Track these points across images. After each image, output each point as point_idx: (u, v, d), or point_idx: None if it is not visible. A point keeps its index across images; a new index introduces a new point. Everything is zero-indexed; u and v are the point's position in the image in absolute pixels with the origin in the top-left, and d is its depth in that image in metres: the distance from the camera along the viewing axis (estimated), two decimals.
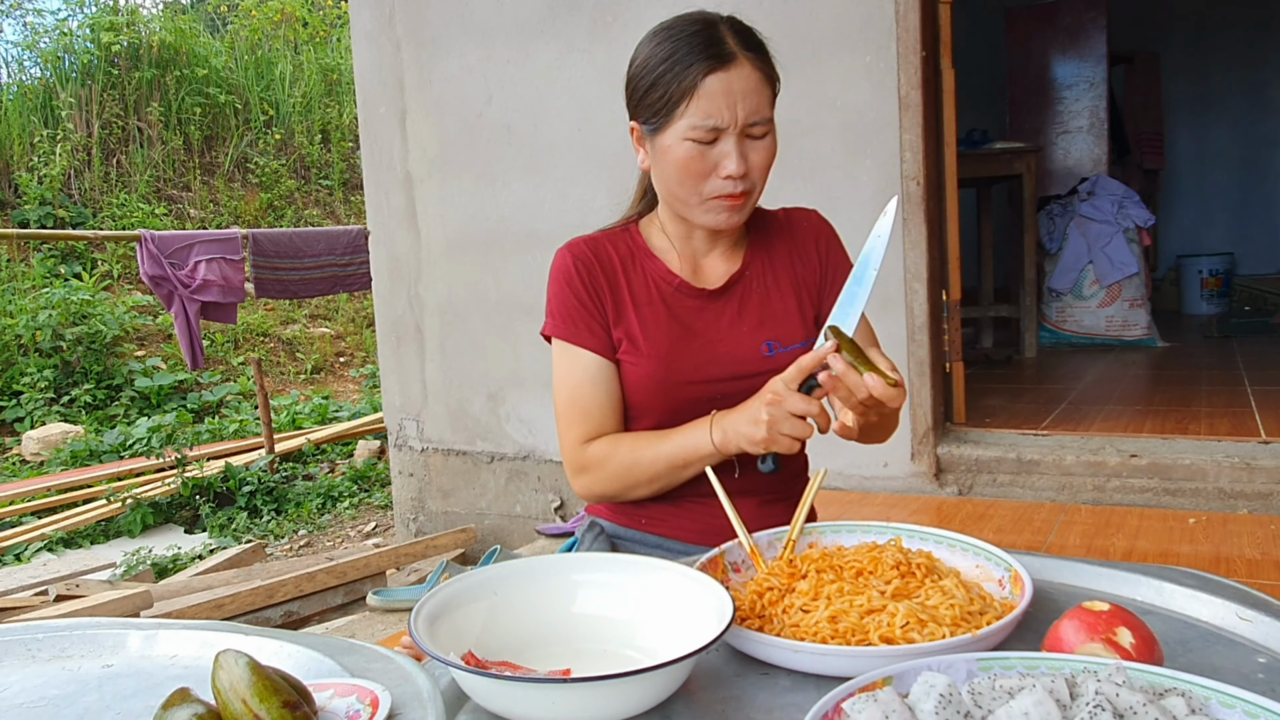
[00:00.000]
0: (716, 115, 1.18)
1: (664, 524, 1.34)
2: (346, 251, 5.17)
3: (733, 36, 1.21)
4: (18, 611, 3.11)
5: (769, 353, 1.30)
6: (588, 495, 1.34)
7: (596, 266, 1.32)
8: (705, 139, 1.19)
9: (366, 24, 3.74)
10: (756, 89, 1.19)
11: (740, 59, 1.19)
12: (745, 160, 1.20)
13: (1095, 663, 0.65)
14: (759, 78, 1.20)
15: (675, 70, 1.20)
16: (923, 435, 2.86)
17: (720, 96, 1.18)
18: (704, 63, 1.18)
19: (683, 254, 1.34)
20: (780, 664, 0.80)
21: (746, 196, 1.23)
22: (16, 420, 6.59)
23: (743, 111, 1.18)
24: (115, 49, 9.17)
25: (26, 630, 0.87)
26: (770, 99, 1.22)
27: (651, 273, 1.33)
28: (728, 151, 1.19)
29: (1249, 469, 2.52)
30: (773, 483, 1.33)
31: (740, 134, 1.19)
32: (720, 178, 1.20)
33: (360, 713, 0.67)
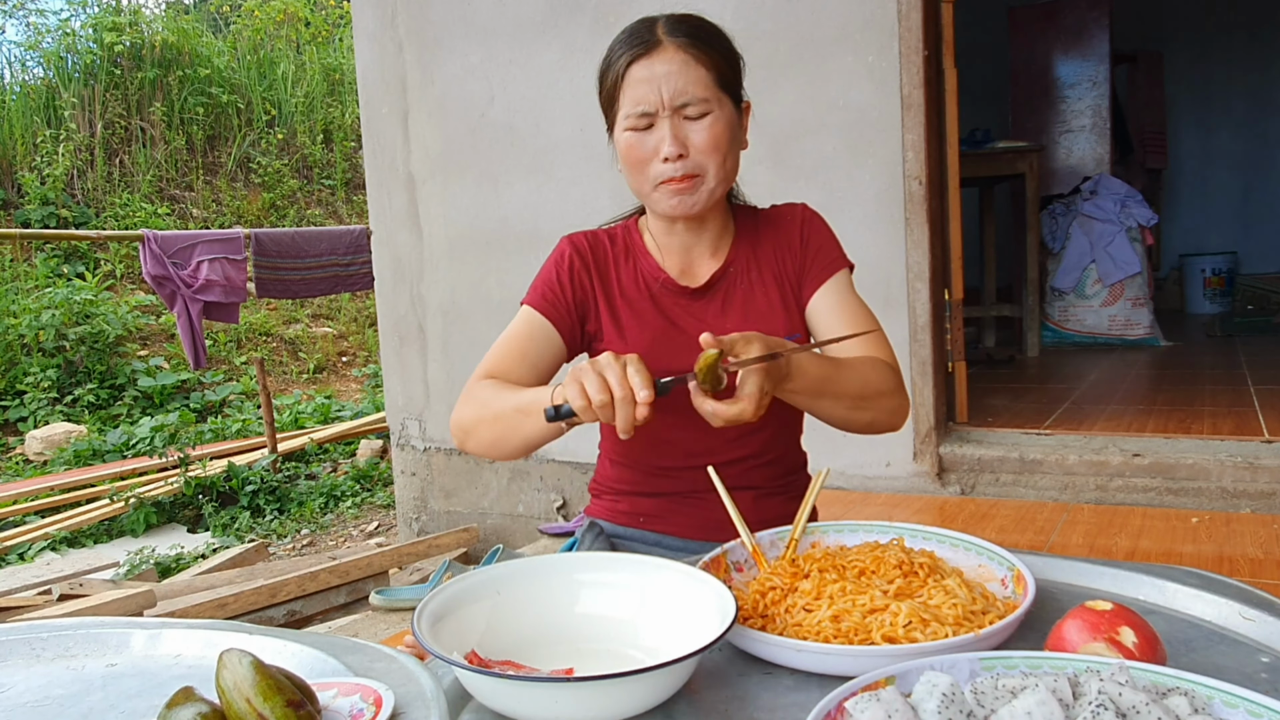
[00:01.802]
0: (644, 100, 1.20)
1: (661, 521, 1.35)
2: (349, 251, 5.17)
3: (663, 26, 1.23)
4: (22, 611, 3.11)
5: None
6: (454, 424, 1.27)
7: (590, 259, 1.35)
8: (640, 125, 1.22)
9: (369, 24, 3.74)
10: (682, 70, 1.20)
11: (665, 44, 1.21)
12: (682, 142, 1.20)
13: (1098, 662, 0.65)
14: (685, 58, 1.20)
15: (610, 68, 1.26)
16: (925, 435, 2.86)
17: (645, 82, 1.20)
18: (629, 53, 1.23)
19: (669, 251, 1.35)
20: (783, 663, 0.80)
21: (694, 180, 1.23)
22: (20, 420, 6.60)
23: (668, 93, 1.19)
24: (118, 49, 9.18)
25: (31, 630, 0.87)
26: (706, 79, 1.21)
27: (642, 269, 1.35)
28: (662, 135, 1.21)
29: (1252, 468, 2.52)
30: (768, 477, 1.34)
31: (674, 116, 1.20)
32: (660, 162, 1.22)
33: (363, 712, 0.67)
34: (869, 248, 2.88)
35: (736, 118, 1.28)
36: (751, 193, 1.46)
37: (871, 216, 2.87)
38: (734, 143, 1.26)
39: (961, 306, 2.96)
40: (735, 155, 1.28)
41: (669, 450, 1.32)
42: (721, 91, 1.23)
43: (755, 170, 2.98)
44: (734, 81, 1.27)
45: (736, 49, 1.30)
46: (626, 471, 1.38)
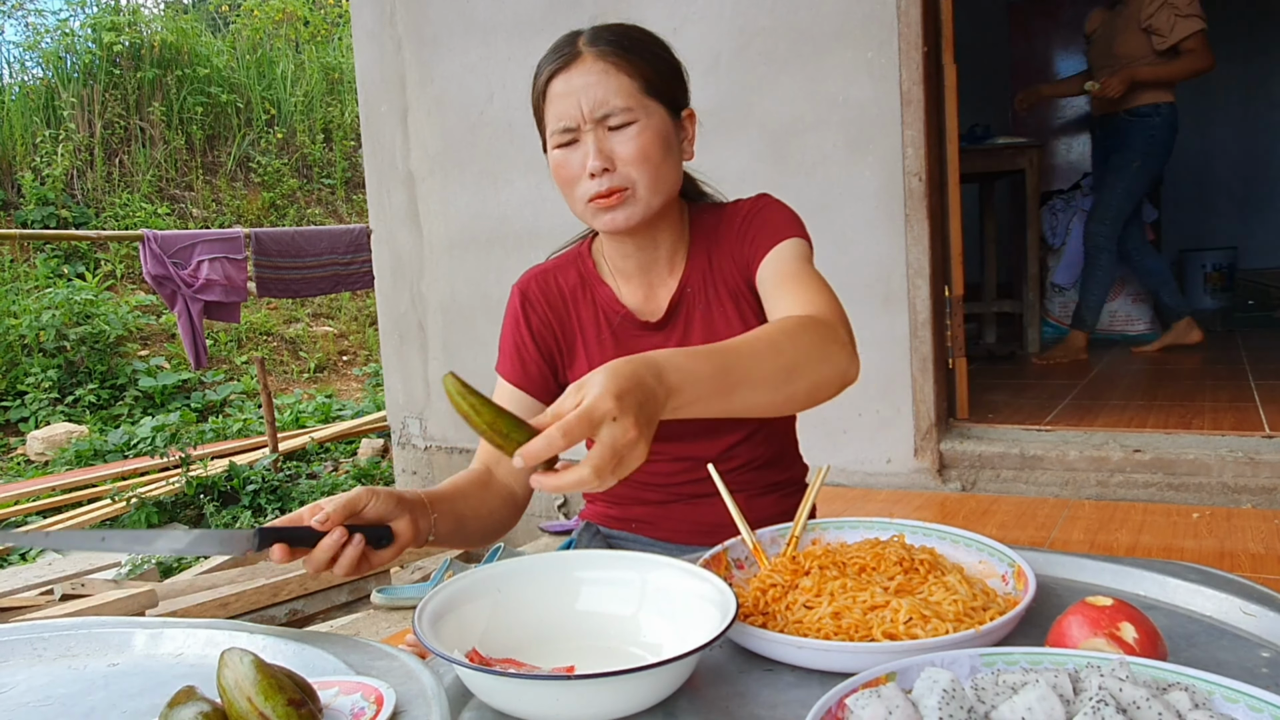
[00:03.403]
0: (565, 115, 1.16)
1: (652, 527, 1.34)
2: (349, 250, 5.17)
3: (585, 37, 1.19)
4: (24, 611, 3.12)
5: None
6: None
7: (545, 306, 1.31)
8: (565, 142, 1.17)
9: (368, 22, 3.74)
10: (601, 80, 1.15)
11: (584, 55, 1.17)
12: (607, 155, 1.15)
13: (1099, 658, 0.65)
14: (604, 67, 1.16)
15: (534, 86, 1.22)
16: (926, 431, 2.86)
17: (564, 96, 1.16)
18: (550, 67, 1.19)
19: (625, 275, 1.29)
20: (784, 660, 0.80)
21: (622, 194, 1.16)
22: (21, 420, 6.60)
23: (587, 105, 1.15)
24: (117, 49, 9.17)
25: (33, 629, 0.87)
26: (629, 88, 1.16)
27: (600, 302, 1.29)
28: (586, 149, 1.16)
29: (1253, 464, 2.52)
30: (760, 479, 1.32)
31: (597, 129, 1.15)
32: (587, 178, 1.16)
33: (365, 710, 0.67)
34: (869, 244, 2.88)
35: (671, 126, 1.21)
36: (750, 189, 1.43)
37: (871, 213, 2.86)
38: (667, 152, 1.19)
39: (962, 303, 2.96)
40: (671, 165, 1.21)
41: (652, 466, 1.31)
42: (649, 99, 1.18)
43: (755, 167, 2.99)
44: (667, 89, 1.21)
45: (672, 56, 1.25)
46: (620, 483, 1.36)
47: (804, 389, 0.97)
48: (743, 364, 0.92)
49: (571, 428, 0.75)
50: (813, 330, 1.01)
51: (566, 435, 0.75)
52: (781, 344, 0.96)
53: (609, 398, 0.77)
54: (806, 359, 0.97)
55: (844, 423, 2.96)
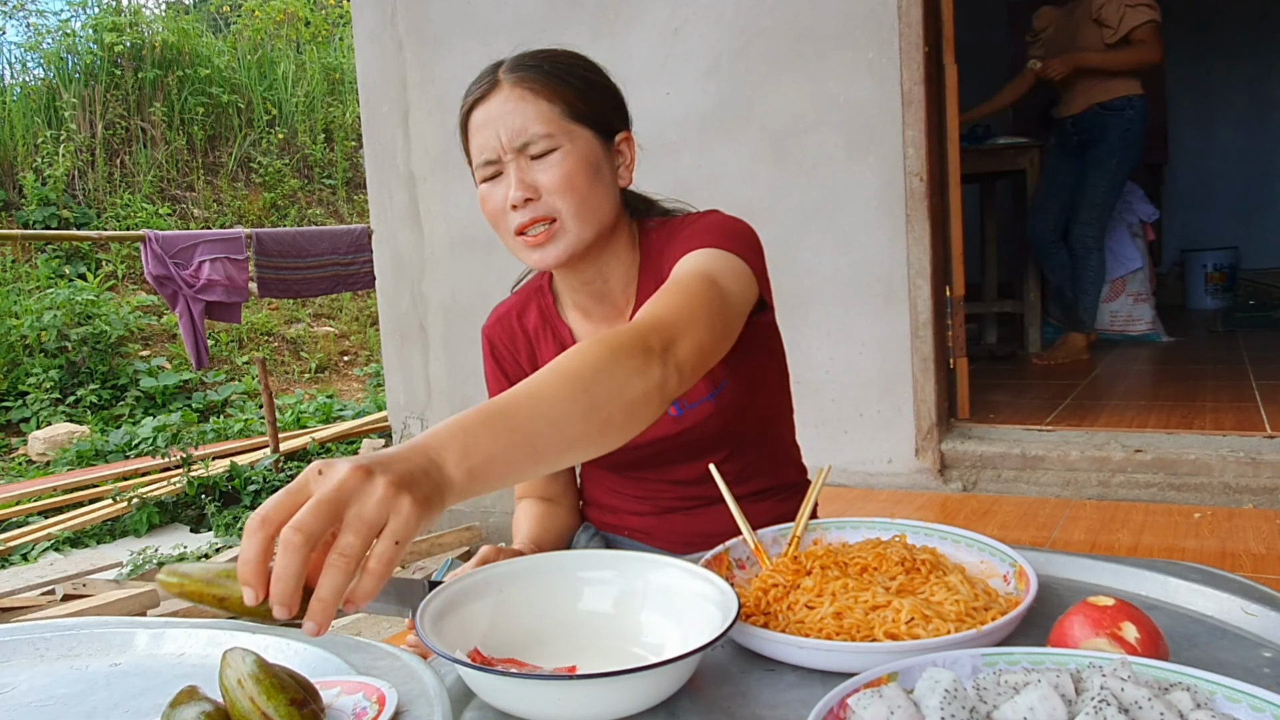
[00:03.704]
0: (485, 148, 1.12)
1: (647, 536, 1.33)
2: (350, 250, 5.18)
3: (505, 66, 1.14)
4: (25, 611, 3.12)
5: (677, 414, 1.21)
6: None
7: (511, 349, 1.30)
8: (489, 175, 1.13)
9: (369, 23, 3.74)
10: (518, 108, 1.10)
11: (500, 84, 1.12)
12: (529, 185, 1.10)
13: (1100, 658, 0.65)
14: (522, 94, 1.11)
15: (459, 122, 1.18)
16: (927, 431, 2.86)
17: (483, 127, 1.12)
18: (469, 99, 1.15)
19: (582, 311, 1.26)
20: (785, 660, 0.80)
21: (549, 225, 1.11)
22: (23, 420, 6.61)
23: (505, 134, 1.10)
24: (118, 49, 9.18)
25: (34, 629, 0.87)
26: (549, 114, 1.10)
27: (560, 342, 1.27)
28: (508, 181, 1.11)
29: (1254, 464, 2.52)
30: (755, 486, 1.31)
31: (517, 158, 1.11)
32: (509, 209, 1.11)
33: (367, 710, 0.67)
34: (870, 244, 2.88)
35: (600, 151, 1.15)
36: (752, 189, 1.43)
37: (872, 213, 2.86)
38: (595, 179, 1.13)
39: (963, 303, 2.96)
40: (601, 192, 1.14)
41: (640, 486, 1.31)
42: (573, 124, 1.12)
43: (756, 167, 2.99)
44: (594, 113, 1.15)
45: (603, 79, 1.20)
46: (608, 496, 1.36)
47: (619, 414, 0.84)
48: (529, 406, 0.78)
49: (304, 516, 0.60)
50: (616, 345, 0.86)
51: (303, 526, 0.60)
52: (575, 369, 0.82)
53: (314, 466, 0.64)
54: (611, 379, 0.83)
55: (845, 423, 2.96)
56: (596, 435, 0.82)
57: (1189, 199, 6.53)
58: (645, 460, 1.25)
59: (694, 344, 0.93)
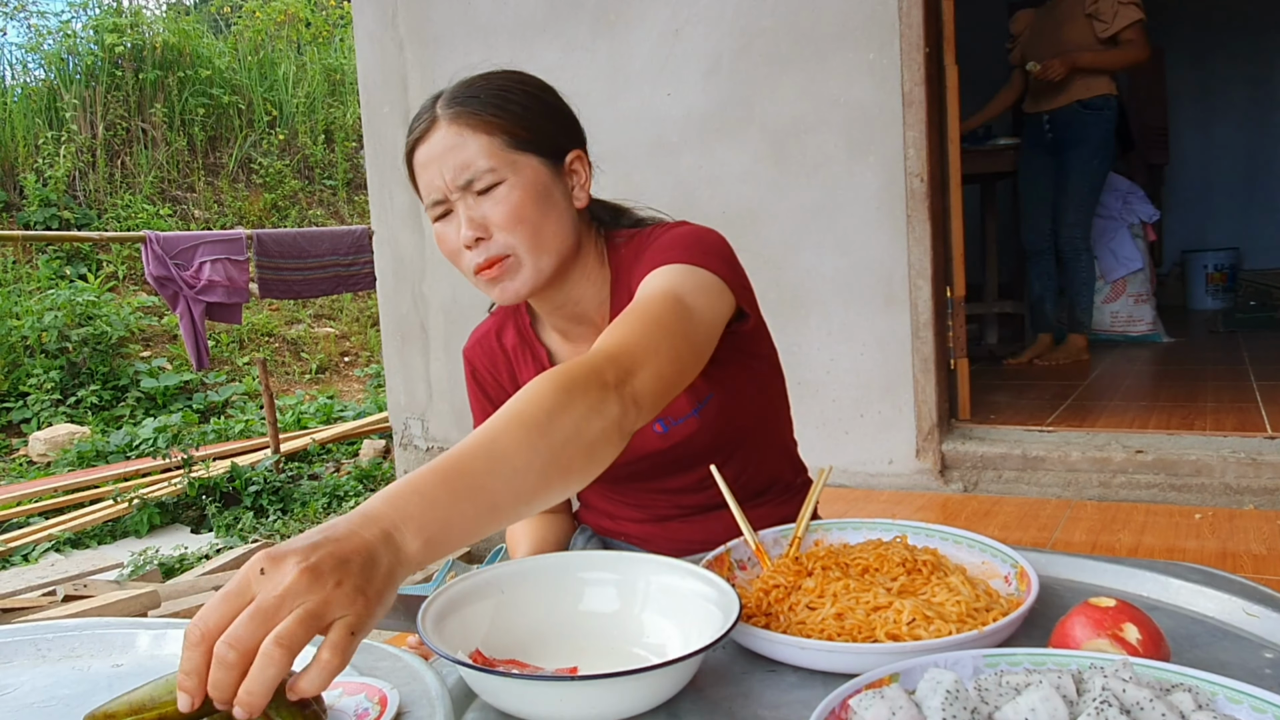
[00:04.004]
0: (431, 188, 1.09)
1: (649, 543, 1.32)
2: (350, 251, 5.18)
3: (442, 101, 1.10)
4: (26, 612, 3.12)
5: (663, 430, 1.19)
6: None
7: (491, 371, 1.29)
8: (439, 214, 1.11)
9: (369, 24, 3.74)
10: (458, 145, 1.07)
11: (438, 121, 1.08)
12: (479, 223, 1.07)
13: (1102, 658, 0.65)
14: (458, 130, 1.07)
15: (404, 160, 1.14)
16: (927, 432, 2.86)
17: (426, 167, 1.09)
18: (410, 139, 1.11)
19: (560, 333, 1.24)
20: (787, 661, 0.80)
21: (506, 261, 1.09)
22: (23, 421, 6.61)
23: (449, 174, 1.07)
24: (119, 50, 9.19)
25: (35, 630, 0.87)
26: (489, 147, 1.07)
27: (539, 362, 1.25)
28: (457, 219, 1.09)
29: (1255, 464, 2.52)
30: (754, 490, 1.30)
31: (464, 196, 1.08)
32: (464, 249, 1.09)
33: (369, 711, 0.67)
34: (870, 245, 2.88)
35: (548, 176, 1.10)
36: (752, 190, 1.42)
37: (873, 214, 2.86)
38: (547, 207, 1.09)
39: (963, 303, 2.96)
40: (555, 219, 1.10)
41: (635, 496, 1.31)
42: (516, 154, 1.08)
43: (756, 168, 2.99)
44: (538, 138, 1.10)
45: (549, 99, 1.15)
46: (602, 501, 1.36)
47: (579, 456, 0.81)
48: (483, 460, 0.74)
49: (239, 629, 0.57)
50: (567, 385, 0.82)
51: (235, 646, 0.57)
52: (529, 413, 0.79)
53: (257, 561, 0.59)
54: (569, 419, 0.80)
55: (846, 424, 2.96)
56: (557, 482, 0.79)
57: (1190, 199, 6.53)
58: (636, 474, 1.25)
59: (654, 373, 0.90)
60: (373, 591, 0.61)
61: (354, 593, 0.60)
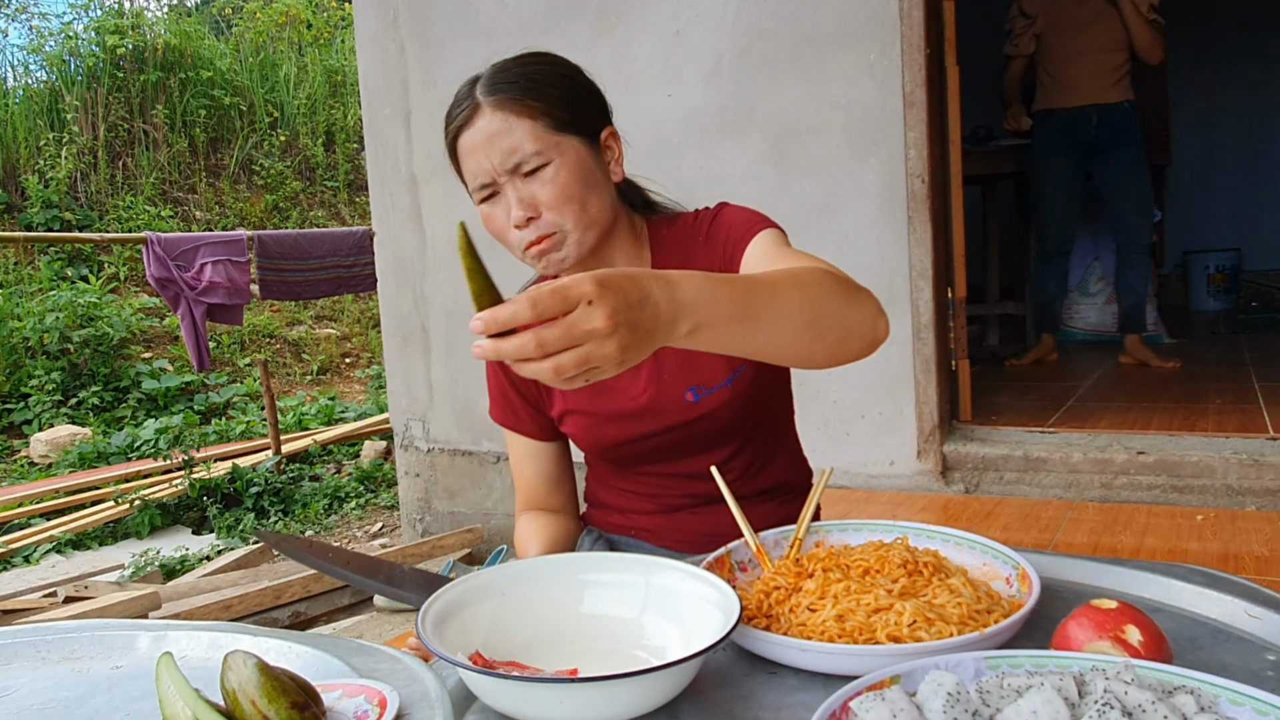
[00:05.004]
0: (479, 172, 1.14)
1: (655, 535, 1.34)
2: (351, 252, 5.18)
3: (482, 85, 1.14)
4: (27, 613, 3.12)
5: (694, 399, 1.22)
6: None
7: None
8: (486, 197, 1.15)
9: (371, 25, 3.74)
10: (504, 130, 1.11)
11: (481, 108, 1.12)
12: (529, 203, 1.12)
13: (1104, 660, 0.65)
14: (504, 117, 1.11)
15: (446, 145, 1.19)
16: (929, 433, 2.86)
17: (472, 153, 1.13)
18: (454, 125, 1.15)
19: None
20: (788, 663, 0.80)
21: (553, 237, 1.14)
22: (25, 423, 6.61)
23: (495, 159, 1.11)
24: (120, 52, 9.20)
25: (36, 632, 0.87)
26: (534, 130, 1.11)
27: None
28: (507, 201, 1.14)
29: (1257, 465, 2.52)
30: (758, 486, 1.32)
31: (512, 179, 1.12)
32: (514, 229, 1.14)
33: (368, 713, 0.67)
34: (871, 246, 2.88)
35: (590, 155, 1.16)
36: (753, 191, 1.44)
37: (874, 215, 2.86)
38: (590, 184, 1.15)
39: (964, 304, 2.96)
40: (597, 196, 1.16)
41: (648, 482, 1.32)
42: (559, 135, 1.13)
43: (757, 169, 2.99)
44: (577, 119, 1.16)
45: (579, 79, 1.20)
46: (613, 496, 1.37)
47: (833, 333, 0.91)
48: (765, 294, 0.85)
49: (541, 299, 0.69)
50: (837, 277, 0.95)
51: (534, 305, 0.69)
52: (806, 282, 0.90)
53: (589, 281, 0.70)
54: (834, 301, 0.91)
55: (847, 425, 2.96)
56: (809, 345, 0.90)
57: (1191, 200, 6.52)
58: (660, 450, 1.27)
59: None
60: (633, 355, 0.73)
61: (620, 365, 0.72)
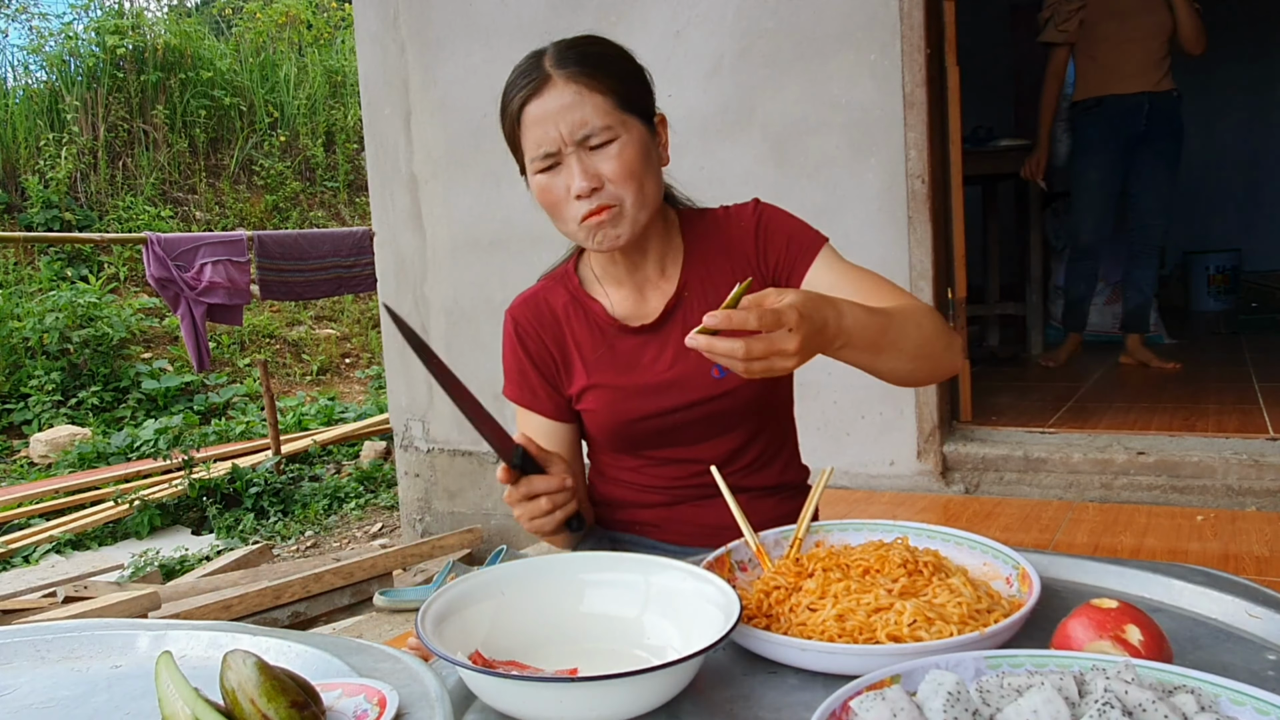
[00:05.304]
0: (544, 141, 1.16)
1: (658, 529, 1.34)
2: (351, 253, 5.18)
3: (551, 58, 1.18)
4: (27, 613, 3.12)
5: (719, 375, 1.25)
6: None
7: (538, 328, 1.33)
8: (547, 166, 1.18)
9: (371, 25, 3.74)
10: (576, 102, 1.15)
11: (553, 78, 1.16)
12: (592, 174, 1.16)
13: (1104, 660, 0.65)
14: (577, 89, 1.15)
15: (505, 113, 1.21)
16: (929, 433, 2.86)
17: (540, 122, 1.16)
18: (520, 95, 1.18)
19: (615, 284, 1.31)
20: (788, 662, 0.80)
21: (612, 210, 1.17)
22: (24, 423, 6.61)
23: (565, 128, 1.15)
24: (120, 52, 9.20)
25: (36, 631, 0.87)
26: (605, 106, 1.16)
27: (592, 316, 1.31)
28: (570, 171, 1.16)
29: (1257, 466, 2.52)
30: (761, 481, 1.33)
31: (578, 150, 1.16)
32: (574, 200, 1.17)
33: (368, 712, 0.67)
34: (872, 246, 2.87)
35: (648, 136, 1.22)
36: (754, 192, 1.44)
37: (874, 215, 2.86)
38: (649, 164, 1.20)
39: (965, 305, 2.96)
40: (654, 176, 1.22)
41: (654, 469, 1.32)
42: (625, 114, 1.18)
43: (758, 169, 2.99)
44: (639, 100, 1.21)
45: (638, 65, 1.25)
46: (617, 489, 1.37)
47: (928, 368, 1.15)
48: (897, 330, 1.08)
49: (765, 316, 0.88)
50: (938, 319, 1.17)
51: (760, 319, 0.88)
52: (924, 324, 1.13)
53: (796, 312, 0.91)
54: (938, 343, 1.14)
55: (847, 425, 2.96)
56: (907, 374, 1.15)
57: (1191, 200, 6.52)
58: (678, 428, 1.27)
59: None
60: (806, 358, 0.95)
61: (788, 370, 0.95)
